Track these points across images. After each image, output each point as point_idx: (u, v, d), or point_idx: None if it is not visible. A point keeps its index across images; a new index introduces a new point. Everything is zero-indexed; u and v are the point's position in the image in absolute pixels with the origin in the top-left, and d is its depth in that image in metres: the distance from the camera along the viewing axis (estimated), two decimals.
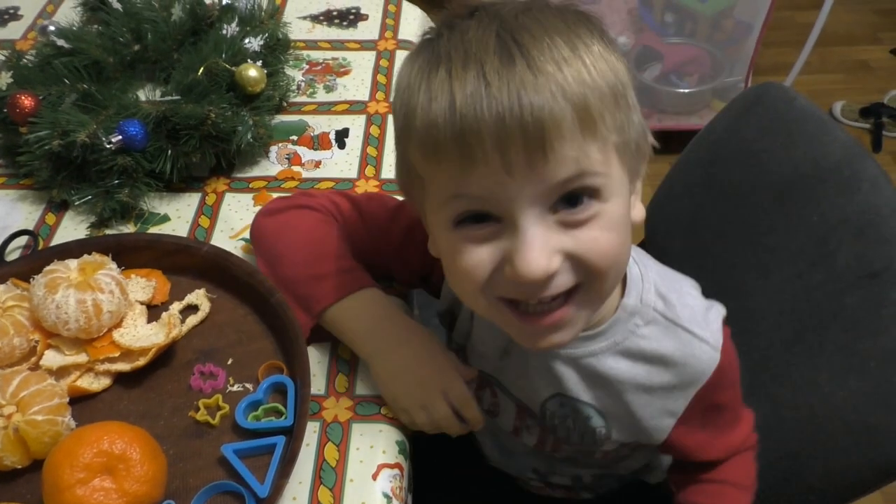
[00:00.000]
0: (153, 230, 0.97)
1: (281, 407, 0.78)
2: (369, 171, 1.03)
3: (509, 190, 0.57)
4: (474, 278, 0.62)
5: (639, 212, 0.69)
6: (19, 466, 0.74)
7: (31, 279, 0.82)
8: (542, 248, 0.58)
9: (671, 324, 0.74)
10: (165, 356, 0.83)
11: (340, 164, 1.04)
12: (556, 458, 0.91)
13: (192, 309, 0.88)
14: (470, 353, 0.85)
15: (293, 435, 0.74)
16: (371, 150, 1.06)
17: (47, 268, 0.81)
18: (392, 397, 0.78)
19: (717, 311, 0.77)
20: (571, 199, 0.59)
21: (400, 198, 0.88)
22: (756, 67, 2.29)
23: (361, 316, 0.80)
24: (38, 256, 0.90)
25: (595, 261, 0.61)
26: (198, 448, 0.77)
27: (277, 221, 0.86)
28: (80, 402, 0.79)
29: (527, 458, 0.95)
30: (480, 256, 0.61)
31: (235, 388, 0.81)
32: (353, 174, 1.03)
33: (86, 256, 0.85)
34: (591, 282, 0.62)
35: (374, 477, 0.75)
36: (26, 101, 0.98)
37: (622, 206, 0.63)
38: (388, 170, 1.03)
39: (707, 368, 0.75)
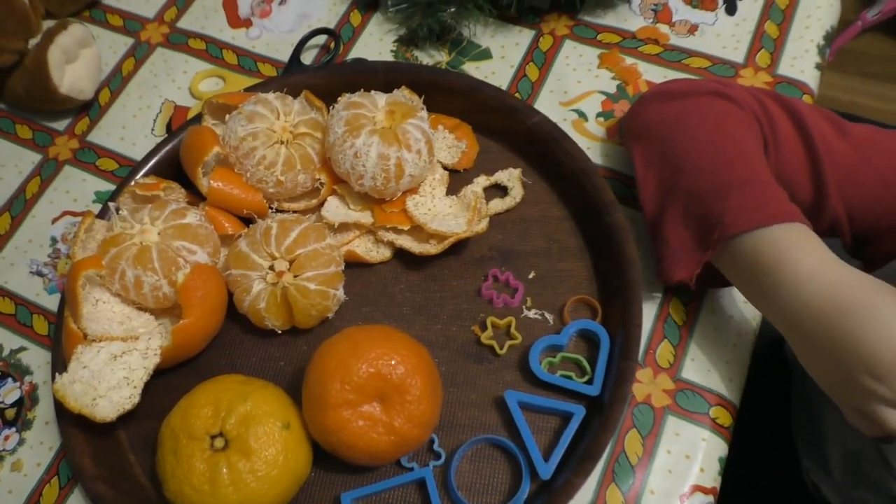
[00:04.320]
0: (468, 66, 0.78)
1: (584, 362, 0.61)
2: (762, 58, 0.75)
3: None
4: None
5: None
6: (278, 331, 0.63)
7: (331, 108, 0.66)
8: None
9: None
10: (456, 242, 0.66)
11: (723, 37, 0.76)
12: None
13: (499, 190, 0.70)
14: None
15: (601, 418, 0.56)
16: (770, 28, 0.76)
17: (350, 98, 0.65)
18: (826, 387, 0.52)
19: None
20: None
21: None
22: None
23: (775, 265, 0.52)
24: (337, 70, 0.74)
25: None
26: (473, 375, 0.62)
27: (676, 109, 0.62)
28: (351, 269, 0.66)
29: None
30: None
31: (532, 313, 0.64)
32: (739, 57, 0.75)
33: (396, 95, 0.67)
34: None
35: (682, 499, 0.57)
36: None
37: None
38: (790, 63, 0.74)
39: None
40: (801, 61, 0.74)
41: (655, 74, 0.75)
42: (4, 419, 0.65)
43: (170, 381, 0.62)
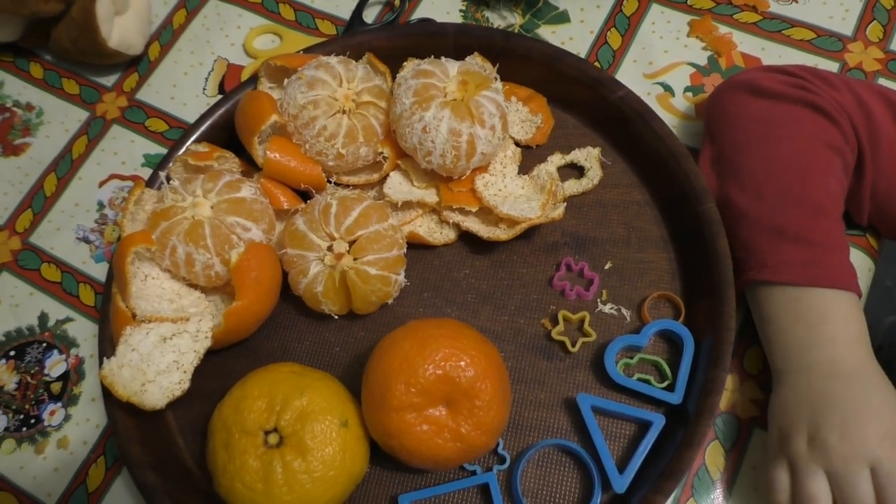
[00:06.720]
0: (543, 30, 0.71)
1: (664, 365, 0.56)
2: (874, 31, 0.67)
3: None
4: None
5: None
6: (335, 316, 0.60)
7: (396, 79, 0.61)
8: None
9: None
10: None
11: (830, 5, 0.69)
12: None
13: (574, 170, 0.64)
14: None
15: (685, 432, 0.52)
16: None
17: (420, 65, 0.60)
18: (784, 432, 0.50)
19: None
20: None
21: None
22: None
23: (817, 321, 0.51)
24: (403, 30, 0.68)
25: None
26: (542, 373, 0.58)
27: (759, 112, 0.57)
28: (411, 251, 0.61)
29: None
30: None
31: (607, 308, 0.59)
32: (847, 29, 0.68)
33: (468, 63, 0.61)
34: None
35: None
36: None
37: None
38: None
39: None
40: None
41: (752, 46, 0.68)
42: (50, 393, 0.62)
43: (219, 363, 0.59)
